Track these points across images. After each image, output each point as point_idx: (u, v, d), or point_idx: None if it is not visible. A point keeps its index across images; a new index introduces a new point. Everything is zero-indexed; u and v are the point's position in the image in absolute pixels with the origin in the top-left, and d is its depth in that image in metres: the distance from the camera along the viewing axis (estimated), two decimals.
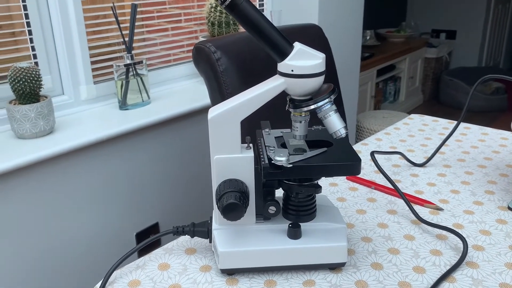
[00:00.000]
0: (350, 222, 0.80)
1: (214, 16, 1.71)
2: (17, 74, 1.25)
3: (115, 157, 1.48)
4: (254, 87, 0.65)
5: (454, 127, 0.98)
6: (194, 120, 1.69)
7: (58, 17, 1.44)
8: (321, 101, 0.62)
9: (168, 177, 1.65)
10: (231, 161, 0.65)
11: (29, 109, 1.28)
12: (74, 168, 1.38)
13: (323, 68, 0.62)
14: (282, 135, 0.73)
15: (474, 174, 0.97)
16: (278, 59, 0.62)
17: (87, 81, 1.55)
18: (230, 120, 0.64)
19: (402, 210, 0.84)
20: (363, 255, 0.71)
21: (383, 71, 3.54)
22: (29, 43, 1.43)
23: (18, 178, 1.26)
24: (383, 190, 0.91)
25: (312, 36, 1.35)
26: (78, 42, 1.50)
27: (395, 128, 1.24)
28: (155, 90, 1.77)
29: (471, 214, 0.82)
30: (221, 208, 0.62)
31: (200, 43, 1.11)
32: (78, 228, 1.43)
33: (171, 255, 0.72)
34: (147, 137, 1.56)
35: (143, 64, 1.59)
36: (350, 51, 2.33)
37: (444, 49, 4.29)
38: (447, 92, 4.19)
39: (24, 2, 1.39)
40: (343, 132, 0.62)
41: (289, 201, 0.69)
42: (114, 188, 1.50)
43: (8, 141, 1.31)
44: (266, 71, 1.17)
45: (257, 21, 0.60)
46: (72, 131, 1.39)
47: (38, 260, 1.35)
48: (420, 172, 0.99)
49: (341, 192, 0.91)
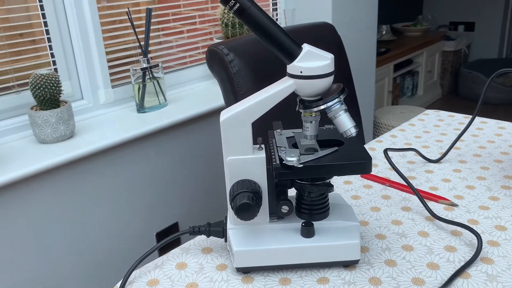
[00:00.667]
0: (364, 219, 0.81)
1: (227, 18, 1.73)
2: (37, 81, 1.29)
3: (135, 159, 1.51)
4: (264, 89, 0.66)
5: (469, 122, 0.97)
6: (211, 120, 1.71)
7: (75, 24, 1.48)
8: (330, 101, 0.63)
9: (186, 178, 1.68)
10: (244, 162, 0.67)
11: (50, 115, 1.31)
12: (94, 171, 1.42)
13: (332, 69, 0.63)
14: (293, 136, 0.74)
15: (490, 169, 0.97)
16: (287, 61, 0.63)
17: (105, 86, 1.58)
18: (242, 122, 0.65)
19: (416, 207, 0.84)
20: (377, 252, 0.72)
21: (400, 66, 3.51)
22: (48, 50, 1.47)
23: (41, 181, 1.30)
24: (397, 187, 0.91)
25: (325, 35, 1.35)
26: (95, 47, 1.53)
27: (410, 124, 1.24)
28: (172, 92, 1.80)
29: (486, 209, 0.82)
30: (235, 208, 0.63)
31: (213, 46, 1.13)
32: (100, 229, 1.47)
33: (188, 255, 0.74)
34: (165, 139, 1.58)
35: (159, 67, 1.61)
36: (365, 47, 2.32)
37: (463, 41, 4.23)
38: (466, 85, 4.13)
39: (43, 10, 1.43)
40: (353, 131, 0.63)
41: (302, 200, 0.70)
42: (134, 190, 1.53)
43: (30, 146, 1.35)
44: (278, 71, 1.19)
45: (265, 25, 0.61)
46: (92, 134, 1.43)
47: (61, 260, 1.39)
48: (435, 168, 0.98)
49: (355, 190, 0.91)
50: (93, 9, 1.50)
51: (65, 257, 1.40)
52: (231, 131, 0.65)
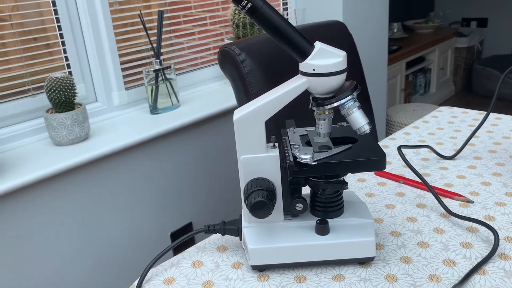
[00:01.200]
0: (379, 217, 0.81)
1: (238, 18, 1.74)
2: (52, 84, 1.31)
3: (149, 160, 1.53)
4: (277, 88, 0.67)
5: (484, 118, 0.97)
6: (223, 121, 1.72)
7: (88, 27, 1.50)
8: (343, 99, 0.63)
9: (200, 178, 1.69)
10: (257, 161, 0.67)
11: (65, 117, 1.33)
12: (109, 172, 1.43)
13: (345, 66, 0.63)
14: (306, 133, 0.74)
15: (506, 165, 0.96)
16: (299, 59, 0.64)
17: (118, 88, 1.60)
18: (255, 120, 0.65)
19: (431, 203, 0.84)
20: (392, 249, 0.72)
21: (412, 64, 3.49)
22: (62, 54, 1.49)
23: (57, 183, 1.32)
24: (412, 184, 0.90)
25: (336, 33, 1.35)
26: (108, 50, 1.55)
27: (423, 121, 1.23)
28: (184, 93, 1.81)
29: (503, 206, 0.81)
30: (249, 206, 0.64)
31: (224, 46, 1.13)
32: (116, 229, 1.49)
33: (204, 253, 0.75)
34: (178, 140, 1.60)
35: (171, 68, 1.63)
36: (376, 45, 2.31)
37: (476, 37, 4.18)
38: (480, 81, 4.08)
39: (56, 14, 1.45)
40: (366, 128, 0.63)
41: (316, 198, 0.70)
42: (148, 190, 1.55)
43: (47, 148, 1.37)
44: (290, 70, 1.19)
45: (277, 24, 0.62)
46: (106, 136, 1.44)
47: (77, 260, 1.41)
48: (450, 165, 0.98)
49: (369, 188, 0.91)
50: (106, 12, 1.52)
51: (81, 257, 1.42)
52: (245, 129, 0.66)
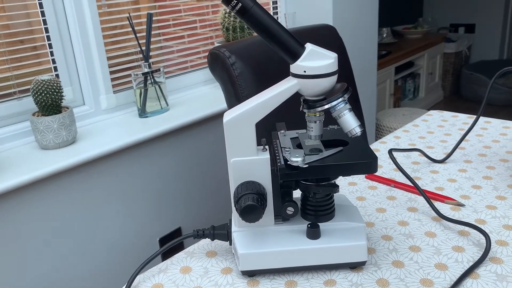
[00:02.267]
0: (370, 221, 0.80)
1: (228, 22, 1.73)
2: (39, 87, 1.29)
3: (137, 164, 1.51)
4: (268, 90, 0.66)
5: (473, 122, 0.97)
6: (213, 125, 1.71)
7: (76, 29, 1.48)
8: (334, 101, 0.62)
9: (189, 182, 1.67)
10: (248, 164, 0.66)
11: (51, 121, 1.31)
12: (97, 176, 1.41)
13: (336, 68, 0.63)
14: (297, 136, 0.73)
15: (496, 168, 0.96)
16: (290, 60, 0.63)
17: (106, 91, 1.58)
18: (245, 123, 0.64)
19: (422, 207, 0.83)
20: (384, 254, 0.71)
21: (401, 68, 3.51)
22: (49, 56, 1.47)
23: (43, 187, 1.30)
24: (403, 188, 0.90)
25: (326, 37, 1.35)
26: (96, 53, 1.53)
27: (413, 125, 1.23)
28: (173, 97, 1.79)
29: (493, 209, 0.81)
30: (239, 210, 0.63)
31: (214, 49, 1.12)
32: (103, 234, 1.46)
33: (193, 258, 0.73)
34: (167, 144, 1.58)
35: (160, 72, 1.61)
36: (366, 50, 2.32)
37: (464, 43, 4.22)
38: (468, 86, 4.12)
39: (43, 16, 1.43)
40: (358, 130, 0.62)
41: (307, 202, 0.69)
42: (136, 195, 1.52)
43: (33, 152, 1.35)
44: (280, 73, 1.18)
45: (268, 25, 0.61)
46: (94, 140, 1.42)
47: (63, 265, 1.38)
48: (440, 168, 0.97)
49: (360, 191, 0.90)
50: (94, 14, 1.50)
51: (67, 263, 1.39)
52: (235, 132, 0.65)
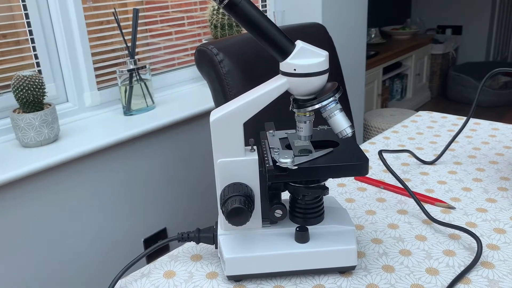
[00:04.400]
0: (360, 223, 0.78)
1: (216, 19, 1.70)
2: (20, 83, 1.25)
3: (121, 163, 1.47)
4: (256, 88, 0.63)
5: (463, 123, 0.95)
6: (199, 123, 1.68)
7: (60, 24, 1.44)
8: (325, 100, 0.60)
9: (175, 182, 1.64)
10: (235, 164, 0.64)
11: (33, 118, 1.27)
12: (80, 175, 1.37)
13: (327, 66, 0.61)
14: (286, 136, 0.71)
15: (486, 170, 0.95)
16: (280, 58, 0.61)
17: (91, 88, 1.54)
18: (233, 122, 0.62)
19: (412, 210, 0.82)
20: (374, 258, 0.69)
21: (389, 69, 3.51)
22: (32, 52, 1.43)
23: (24, 186, 1.26)
24: (392, 189, 0.88)
25: (316, 35, 1.33)
26: (81, 49, 1.49)
27: (403, 126, 1.22)
28: (160, 94, 1.76)
29: (484, 212, 0.80)
30: (226, 213, 0.60)
31: (202, 46, 1.09)
32: (85, 235, 1.42)
33: (177, 262, 0.71)
34: (152, 142, 1.55)
35: (146, 69, 1.58)
36: (355, 50, 2.31)
37: (451, 44, 4.25)
38: (454, 88, 4.14)
39: (26, 10, 1.38)
40: (349, 131, 0.60)
41: (296, 204, 0.67)
42: (121, 195, 1.49)
43: (13, 150, 1.31)
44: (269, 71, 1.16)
45: (257, 20, 0.58)
46: (77, 138, 1.38)
47: (44, 267, 1.35)
48: (430, 170, 0.96)
49: (349, 193, 0.89)
50: (79, 9, 1.46)
51: (48, 264, 1.35)
52: (222, 131, 0.62)
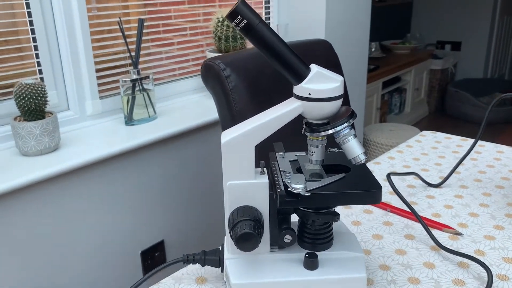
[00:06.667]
0: (367, 248, 0.77)
1: (221, 31, 1.70)
2: (22, 91, 1.23)
3: (121, 174, 1.45)
4: (269, 111, 0.63)
5: (470, 147, 0.95)
6: (201, 135, 1.67)
7: (64, 32, 1.43)
8: (339, 126, 0.59)
9: (174, 194, 1.63)
10: (245, 187, 0.62)
11: (34, 126, 1.25)
12: (78, 185, 1.36)
13: (341, 91, 0.60)
14: (297, 159, 0.70)
15: (492, 195, 0.94)
16: (294, 82, 0.60)
17: (92, 96, 1.53)
18: (244, 145, 0.61)
19: (420, 235, 0.81)
20: (382, 285, 0.68)
21: (388, 83, 3.52)
22: (34, 59, 1.41)
23: (22, 197, 1.24)
24: (399, 213, 0.88)
25: (322, 52, 1.33)
26: (84, 56, 1.48)
27: (407, 145, 1.21)
28: (161, 104, 1.75)
29: (492, 239, 0.79)
30: (235, 238, 0.59)
31: (209, 60, 1.09)
32: (83, 246, 1.40)
33: (181, 285, 0.69)
34: (153, 153, 1.53)
35: (149, 79, 1.57)
36: (356, 64, 2.31)
37: (450, 60, 4.27)
38: (452, 103, 4.16)
39: (30, 17, 1.37)
40: (362, 158, 0.60)
41: (305, 229, 0.66)
42: (119, 206, 1.47)
43: (13, 159, 1.29)
44: (275, 87, 1.15)
45: (273, 43, 0.58)
46: (77, 147, 1.37)
47: (42, 278, 1.32)
48: (436, 193, 0.95)
49: (355, 215, 0.88)
50: (83, 17, 1.45)
51: (45, 275, 1.33)
52: (233, 154, 0.61)
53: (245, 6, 0.56)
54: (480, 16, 4.35)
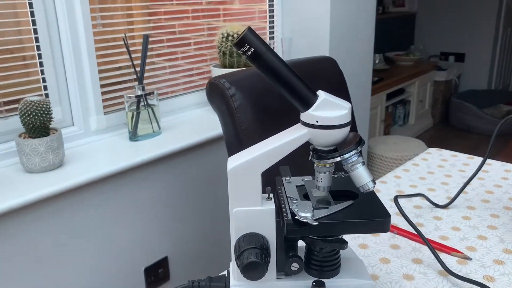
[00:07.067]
0: (374, 273, 0.76)
1: (225, 46, 1.70)
2: (27, 108, 1.24)
3: (125, 190, 1.45)
4: (276, 137, 0.62)
5: (477, 168, 0.94)
6: (206, 150, 1.66)
7: (69, 47, 1.43)
8: (347, 153, 0.59)
9: (179, 210, 1.62)
10: (251, 214, 0.62)
11: (39, 143, 1.25)
12: (82, 202, 1.35)
13: (349, 119, 0.59)
14: (303, 184, 0.69)
15: (501, 217, 0.93)
16: (301, 108, 0.59)
17: (97, 112, 1.53)
18: (251, 171, 0.60)
19: (428, 259, 0.80)
20: None
21: (392, 95, 3.52)
22: (40, 75, 1.42)
23: (26, 214, 1.23)
24: (406, 235, 0.87)
25: (327, 69, 1.33)
26: (89, 72, 1.48)
27: (413, 164, 1.21)
28: (165, 119, 1.75)
29: (501, 264, 0.78)
30: (242, 266, 0.58)
31: (214, 79, 1.09)
32: (86, 263, 1.39)
33: None
34: (157, 169, 1.53)
35: (154, 94, 1.57)
36: (361, 76, 2.31)
37: (453, 72, 4.27)
38: (456, 115, 4.15)
39: (36, 34, 1.38)
40: (371, 186, 0.59)
41: (312, 256, 0.65)
42: (122, 222, 1.46)
43: (17, 176, 1.29)
44: (280, 106, 1.15)
45: (280, 71, 0.57)
46: (81, 164, 1.36)
47: None
48: (444, 214, 0.94)
49: (362, 238, 0.87)
50: (89, 33, 1.46)
51: None
52: (239, 180, 0.61)
53: (253, 34, 0.56)
54: (483, 27, 4.35)
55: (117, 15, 1.60)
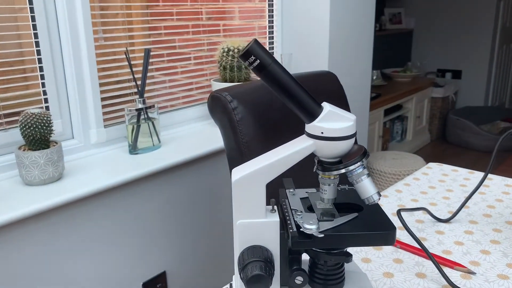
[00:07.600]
0: (378, 287, 0.75)
1: (226, 60, 1.71)
2: (28, 120, 1.23)
3: (124, 204, 1.44)
4: (280, 148, 0.62)
5: (479, 182, 0.94)
6: (206, 163, 1.66)
7: (70, 61, 1.44)
8: (352, 165, 0.59)
9: (178, 224, 1.61)
10: (255, 226, 0.61)
11: (38, 156, 1.25)
12: (81, 216, 1.34)
13: (354, 130, 0.59)
14: (307, 196, 0.69)
15: (503, 231, 0.93)
16: (306, 120, 0.59)
17: (97, 125, 1.53)
18: (255, 183, 0.60)
19: (431, 273, 0.79)
20: None
21: (390, 111, 3.54)
22: (40, 87, 1.42)
23: (25, 227, 1.22)
24: (409, 249, 0.86)
25: (327, 83, 1.33)
26: (89, 85, 1.49)
27: (414, 178, 1.20)
28: (165, 133, 1.75)
29: (505, 279, 0.77)
30: (246, 279, 0.58)
31: (216, 92, 1.09)
32: (85, 277, 1.38)
33: None
34: (156, 183, 1.52)
35: (154, 108, 1.57)
36: (359, 92, 2.32)
37: (450, 88, 4.30)
38: (454, 131, 4.17)
39: (38, 46, 1.38)
40: (376, 198, 0.59)
41: (316, 269, 0.64)
42: (121, 236, 1.45)
43: (16, 188, 1.28)
44: (283, 119, 1.15)
45: (285, 83, 0.58)
46: (81, 177, 1.36)
47: None
48: (446, 229, 0.94)
49: (365, 252, 0.86)
50: (90, 47, 1.47)
51: None
52: (243, 192, 0.60)
53: (258, 46, 0.56)
54: (480, 44, 4.40)
55: (118, 29, 1.61)
